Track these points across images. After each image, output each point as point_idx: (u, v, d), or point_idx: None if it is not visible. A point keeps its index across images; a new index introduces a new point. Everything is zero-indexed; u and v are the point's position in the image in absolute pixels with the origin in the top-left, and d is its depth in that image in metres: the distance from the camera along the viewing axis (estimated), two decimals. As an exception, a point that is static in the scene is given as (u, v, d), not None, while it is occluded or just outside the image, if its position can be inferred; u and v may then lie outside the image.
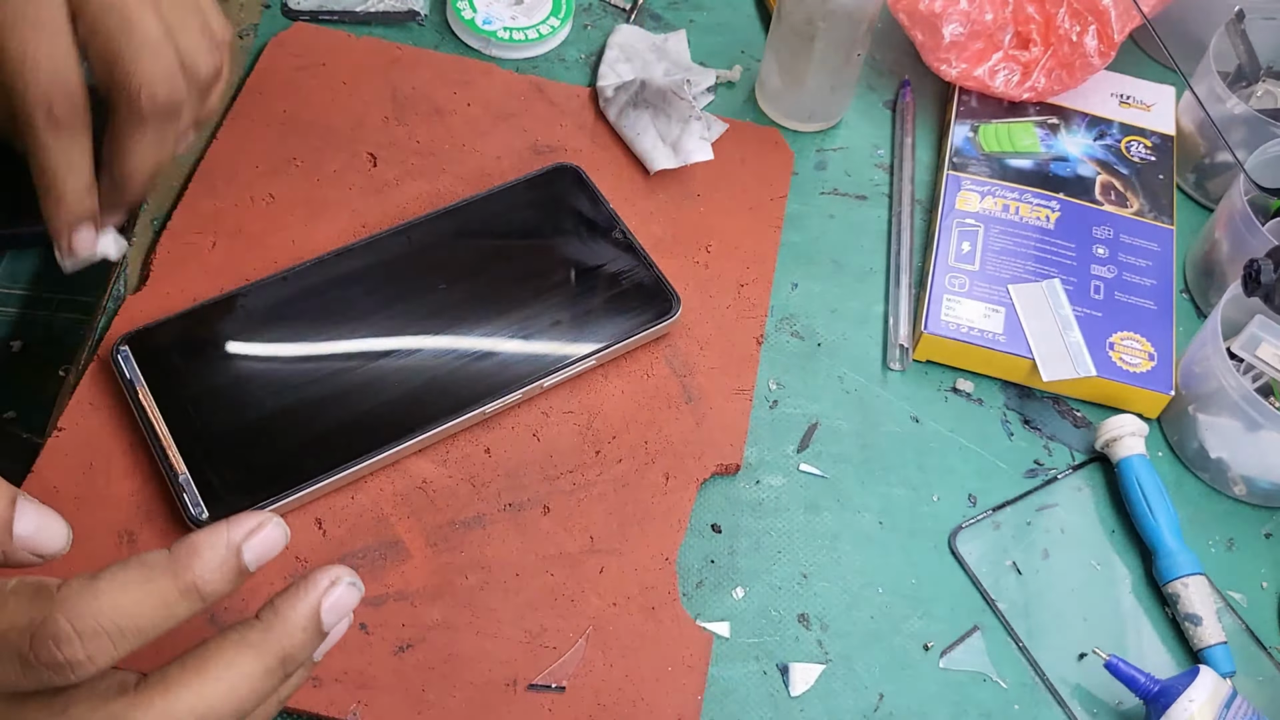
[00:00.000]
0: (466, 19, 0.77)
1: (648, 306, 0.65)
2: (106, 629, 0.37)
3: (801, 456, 0.64)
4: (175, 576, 0.39)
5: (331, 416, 0.59)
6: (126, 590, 0.38)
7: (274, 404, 0.59)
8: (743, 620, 0.59)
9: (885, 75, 0.81)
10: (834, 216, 0.73)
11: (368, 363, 0.61)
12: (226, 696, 0.39)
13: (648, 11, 0.82)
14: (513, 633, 0.56)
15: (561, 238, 0.67)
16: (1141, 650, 0.60)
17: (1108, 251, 0.71)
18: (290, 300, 0.62)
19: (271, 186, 0.68)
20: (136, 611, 0.38)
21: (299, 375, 0.60)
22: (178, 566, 0.39)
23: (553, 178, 0.69)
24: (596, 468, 0.61)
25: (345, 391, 0.60)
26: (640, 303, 0.65)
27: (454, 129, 0.72)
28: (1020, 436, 0.66)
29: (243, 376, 0.60)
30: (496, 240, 0.67)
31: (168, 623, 0.39)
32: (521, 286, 0.65)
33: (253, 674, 0.40)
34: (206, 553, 0.40)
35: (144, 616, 0.38)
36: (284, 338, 0.61)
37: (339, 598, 0.42)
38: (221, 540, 0.40)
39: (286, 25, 0.76)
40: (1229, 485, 0.65)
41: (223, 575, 0.40)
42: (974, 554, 0.62)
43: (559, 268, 0.66)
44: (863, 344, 0.69)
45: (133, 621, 0.38)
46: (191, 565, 0.39)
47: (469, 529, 0.58)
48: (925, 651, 0.59)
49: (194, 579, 0.39)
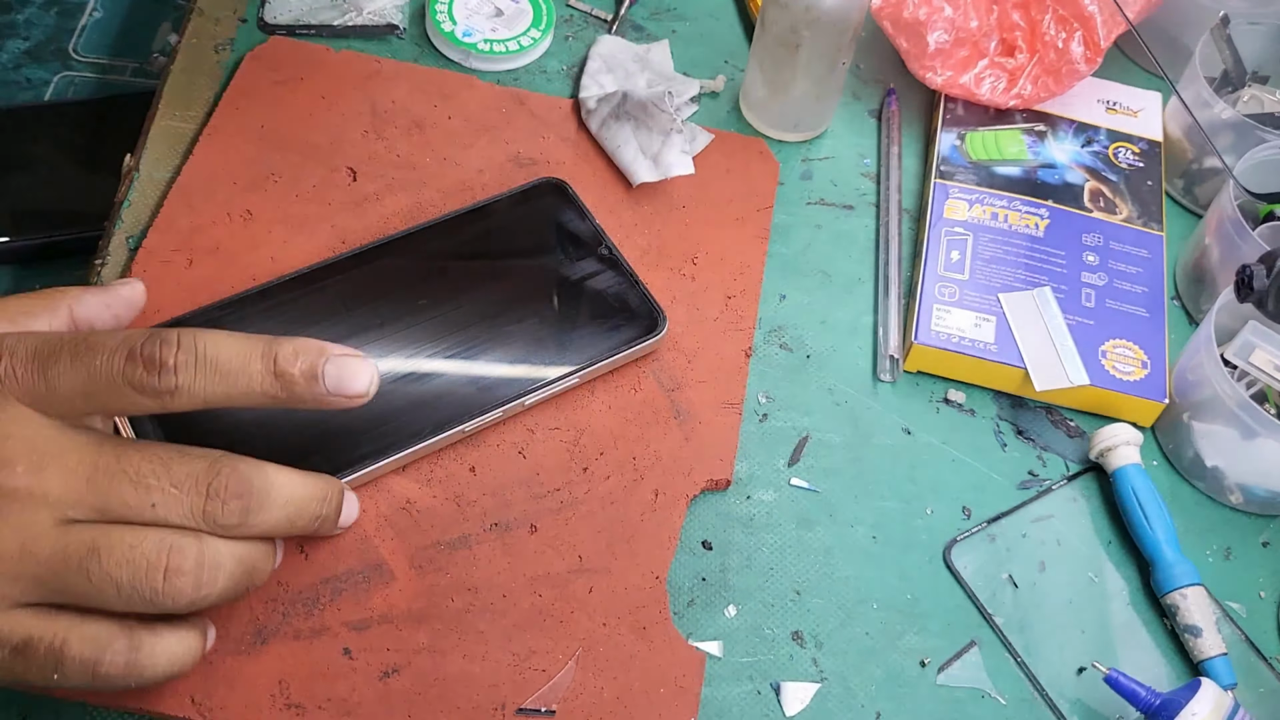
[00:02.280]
0: (446, 31, 0.76)
1: (633, 324, 0.63)
2: (195, 348, 0.44)
3: (792, 471, 0.63)
4: (263, 342, 0.46)
5: (308, 435, 0.57)
6: (217, 333, 0.45)
7: (250, 423, 0.57)
8: (735, 639, 0.58)
9: (870, 84, 0.80)
10: (821, 227, 0.73)
11: None
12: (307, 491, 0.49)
13: (629, 22, 0.81)
14: (501, 655, 0.55)
15: (546, 254, 0.66)
16: (1140, 663, 0.60)
17: (1098, 259, 0.70)
18: (266, 317, 0.61)
19: (249, 203, 0.67)
20: (218, 349, 0.45)
21: None
22: (268, 339, 0.46)
23: (537, 192, 0.68)
24: (584, 485, 0.60)
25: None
26: (626, 320, 0.64)
27: (434, 142, 0.71)
28: (1014, 447, 0.66)
29: None
30: (479, 256, 0.66)
31: (243, 379, 0.45)
32: (504, 303, 0.63)
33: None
34: (300, 341, 0.47)
35: (223, 357, 0.45)
36: None
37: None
38: (315, 344, 0.47)
39: (263, 39, 0.75)
40: (1225, 494, 0.65)
41: (300, 370, 0.46)
42: (969, 567, 0.61)
43: (543, 284, 0.65)
44: (852, 355, 0.68)
45: (215, 354, 0.45)
46: (280, 343, 0.46)
47: (454, 550, 0.57)
48: (922, 668, 0.58)
49: (276, 352, 0.46)
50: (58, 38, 0.89)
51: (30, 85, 0.86)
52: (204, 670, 0.52)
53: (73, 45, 0.89)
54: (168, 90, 0.72)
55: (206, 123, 0.70)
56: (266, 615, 0.54)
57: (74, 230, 0.77)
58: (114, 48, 0.90)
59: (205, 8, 0.77)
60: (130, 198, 0.67)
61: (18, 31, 0.89)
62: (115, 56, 0.89)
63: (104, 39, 0.90)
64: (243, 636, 0.53)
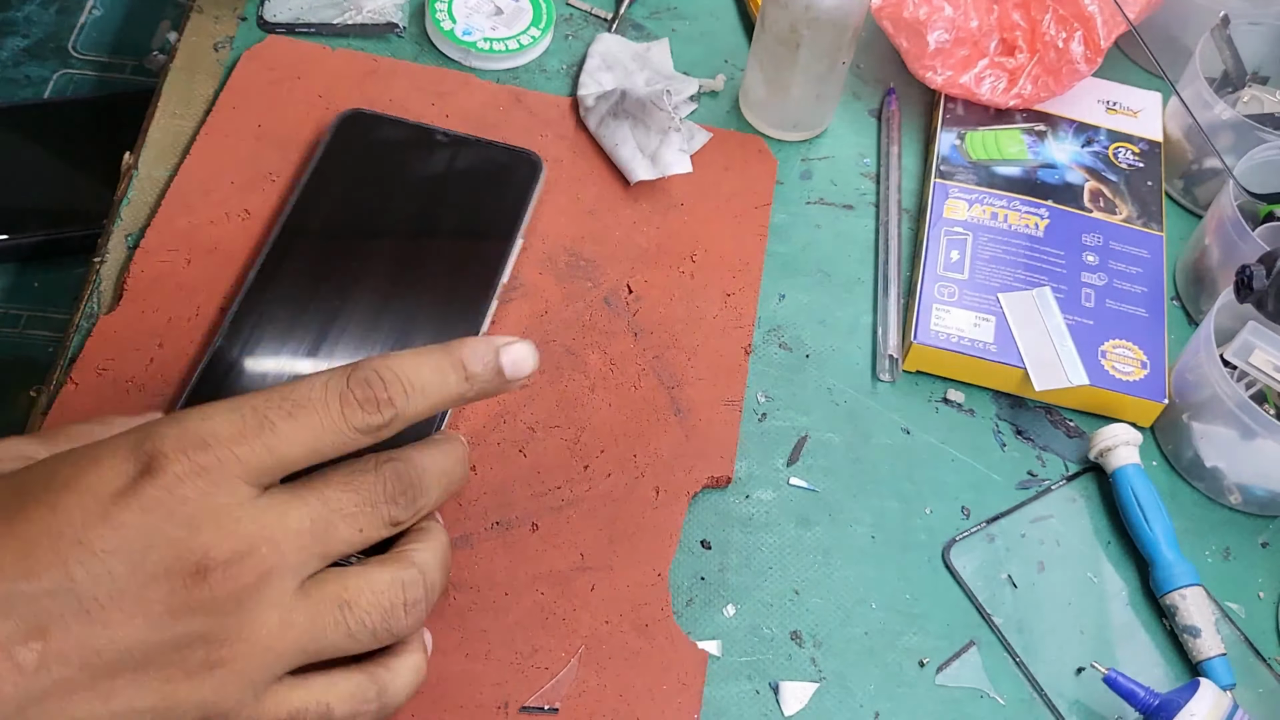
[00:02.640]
0: (446, 30, 0.76)
1: (516, 175, 0.67)
2: (400, 378, 0.45)
3: (791, 470, 0.63)
4: (447, 353, 0.47)
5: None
6: (405, 357, 0.46)
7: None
8: (734, 638, 0.58)
9: (870, 83, 0.80)
10: (820, 226, 0.73)
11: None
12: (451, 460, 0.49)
13: (629, 21, 0.81)
14: (503, 654, 0.55)
15: (403, 176, 0.67)
16: (1139, 663, 0.60)
17: (1098, 259, 0.70)
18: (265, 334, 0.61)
19: (247, 202, 0.67)
20: (418, 372, 0.46)
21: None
22: (449, 347, 0.47)
23: (347, 130, 0.69)
24: (585, 483, 0.60)
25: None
26: (508, 177, 0.67)
27: (434, 141, 0.71)
28: (1013, 447, 0.66)
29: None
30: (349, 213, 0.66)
31: (443, 391, 0.46)
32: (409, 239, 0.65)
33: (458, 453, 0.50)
34: (473, 342, 0.48)
35: (424, 378, 0.46)
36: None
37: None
38: (485, 341, 0.48)
39: (263, 38, 0.75)
40: (1225, 494, 0.65)
41: (484, 367, 0.47)
42: (968, 567, 0.61)
43: (422, 202, 0.66)
44: (851, 355, 0.68)
45: (417, 377, 0.45)
46: (461, 348, 0.47)
47: (456, 548, 0.57)
48: (921, 668, 0.58)
49: (462, 358, 0.47)
50: (57, 35, 0.89)
51: (30, 83, 0.86)
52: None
53: (72, 43, 0.89)
54: (167, 88, 0.72)
55: (203, 122, 0.70)
56: (266, 614, 0.54)
57: (73, 228, 0.77)
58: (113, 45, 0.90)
59: (205, 5, 0.77)
60: (129, 196, 0.67)
61: (17, 29, 0.89)
62: (114, 54, 0.89)
63: (103, 37, 0.90)
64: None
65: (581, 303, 0.66)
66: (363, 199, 0.66)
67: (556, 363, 0.64)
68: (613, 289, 0.67)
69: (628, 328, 0.65)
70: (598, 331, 0.65)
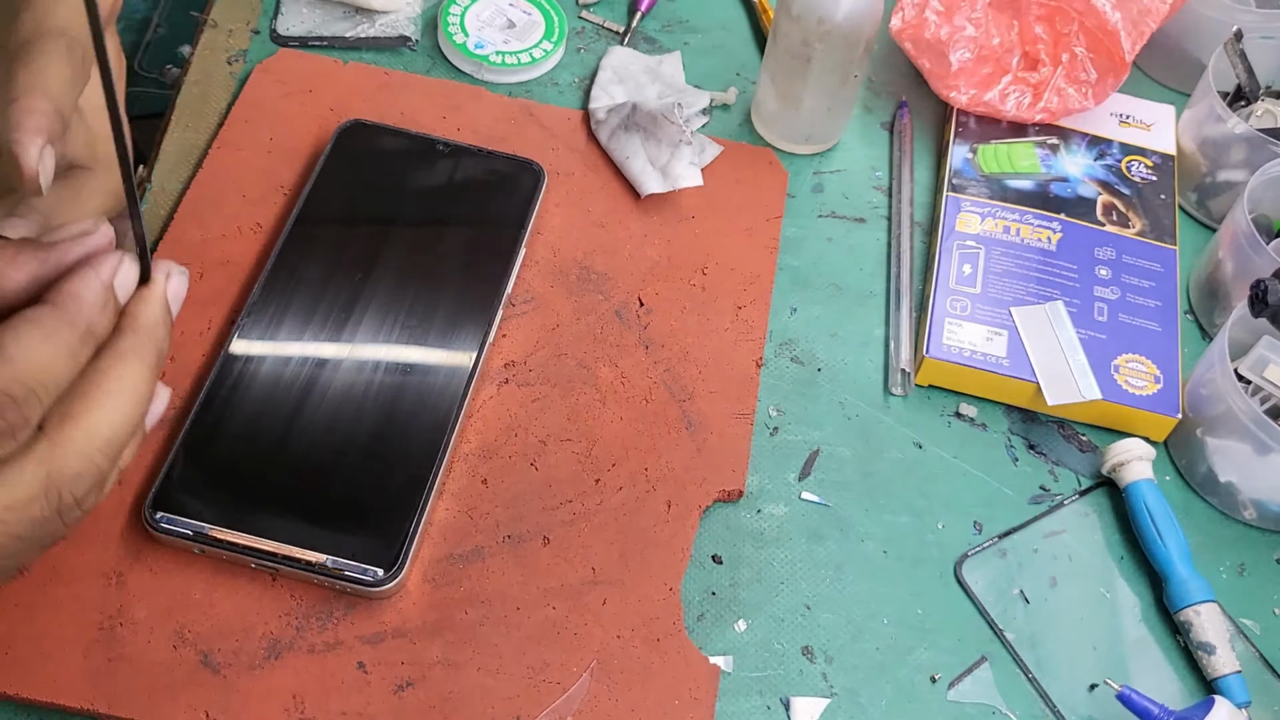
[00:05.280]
0: (458, 43, 0.76)
1: (519, 183, 0.68)
2: (35, 390, 0.40)
3: (803, 485, 0.63)
4: (71, 326, 0.41)
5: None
6: (37, 352, 0.40)
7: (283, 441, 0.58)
8: (745, 654, 0.57)
9: (883, 96, 0.80)
10: (832, 239, 0.73)
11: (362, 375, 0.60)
12: (127, 409, 0.42)
13: (642, 34, 0.81)
14: (515, 669, 0.54)
15: (405, 186, 0.68)
16: (1153, 680, 0.59)
17: (1110, 273, 0.70)
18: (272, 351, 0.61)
19: (258, 215, 0.67)
20: (51, 367, 0.40)
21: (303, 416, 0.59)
22: (68, 317, 0.41)
23: (347, 142, 0.69)
24: (596, 496, 0.60)
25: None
26: (512, 185, 0.68)
27: (446, 154, 0.72)
28: (1025, 462, 0.65)
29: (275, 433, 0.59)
30: (350, 224, 0.66)
31: (77, 369, 0.41)
32: (412, 250, 0.65)
33: (141, 379, 0.43)
34: (87, 295, 0.42)
35: (59, 371, 0.41)
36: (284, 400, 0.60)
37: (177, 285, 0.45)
38: (93, 280, 0.42)
39: (276, 51, 0.75)
40: (1239, 509, 0.64)
41: (106, 315, 0.42)
42: (980, 583, 0.61)
43: (425, 212, 0.67)
44: (864, 369, 0.67)
45: (52, 377, 0.40)
46: (81, 312, 0.41)
47: (468, 562, 0.57)
48: (932, 684, 0.58)
49: (86, 324, 0.41)
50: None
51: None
52: (219, 685, 0.52)
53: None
54: (181, 102, 0.73)
55: (216, 135, 0.70)
56: (280, 630, 0.54)
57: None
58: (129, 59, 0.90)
59: (218, 19, 0.77)
60: (143, 209, 0.67)
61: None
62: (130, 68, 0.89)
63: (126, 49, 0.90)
64: (256, 651, 0.53)
65: (593, 316, 0.66)
66: (364, 209, 0.67)
67: (568, 376, 0.64)
68: (624, 302, 0.67)
69: (639, 341, 0.65)
70: (609, 344, 0.65)
